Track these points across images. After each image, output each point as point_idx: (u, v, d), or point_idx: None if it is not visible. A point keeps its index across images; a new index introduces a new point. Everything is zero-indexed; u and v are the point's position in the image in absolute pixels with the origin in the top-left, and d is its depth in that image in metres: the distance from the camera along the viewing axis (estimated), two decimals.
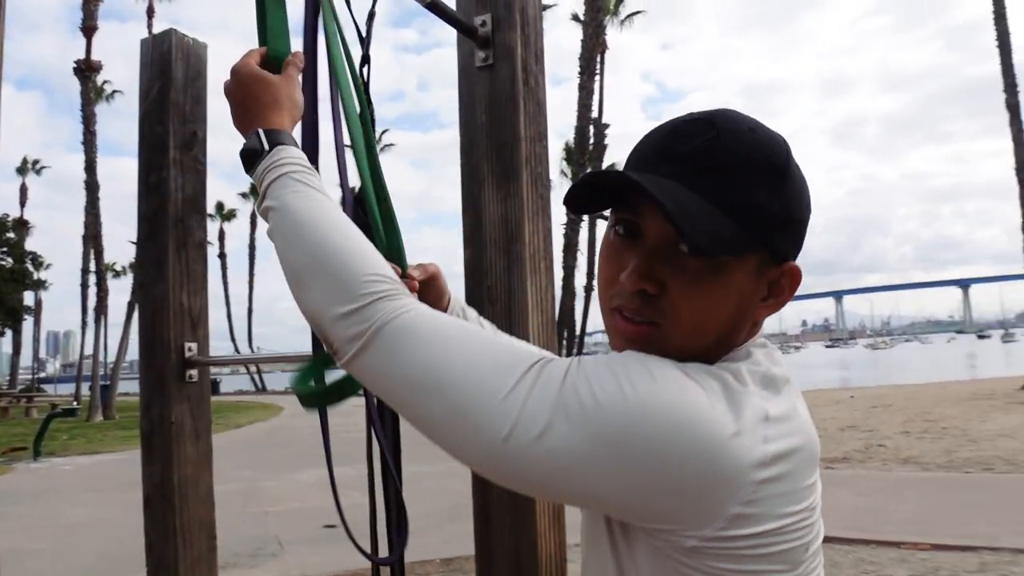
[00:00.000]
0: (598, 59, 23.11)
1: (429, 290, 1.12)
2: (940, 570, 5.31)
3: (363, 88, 1.20)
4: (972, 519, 6.63)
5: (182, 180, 1.92)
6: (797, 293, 0.88)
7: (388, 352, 0.77)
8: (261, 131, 0.97)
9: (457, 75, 1.46)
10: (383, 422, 1.34)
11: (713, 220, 0.77)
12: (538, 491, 0.78)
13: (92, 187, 29.05)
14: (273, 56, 1.08)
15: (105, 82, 31.99)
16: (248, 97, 1.01)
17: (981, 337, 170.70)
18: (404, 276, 1.07)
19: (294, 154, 0.95)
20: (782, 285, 0.85)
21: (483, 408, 0.73)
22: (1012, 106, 20.52)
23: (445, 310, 1.14)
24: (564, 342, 23.12)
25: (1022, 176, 20.32)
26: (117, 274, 46.53)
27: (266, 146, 0.95)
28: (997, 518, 6.60)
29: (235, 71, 1.03)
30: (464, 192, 1.43)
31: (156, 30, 1.99)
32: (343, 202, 1.20)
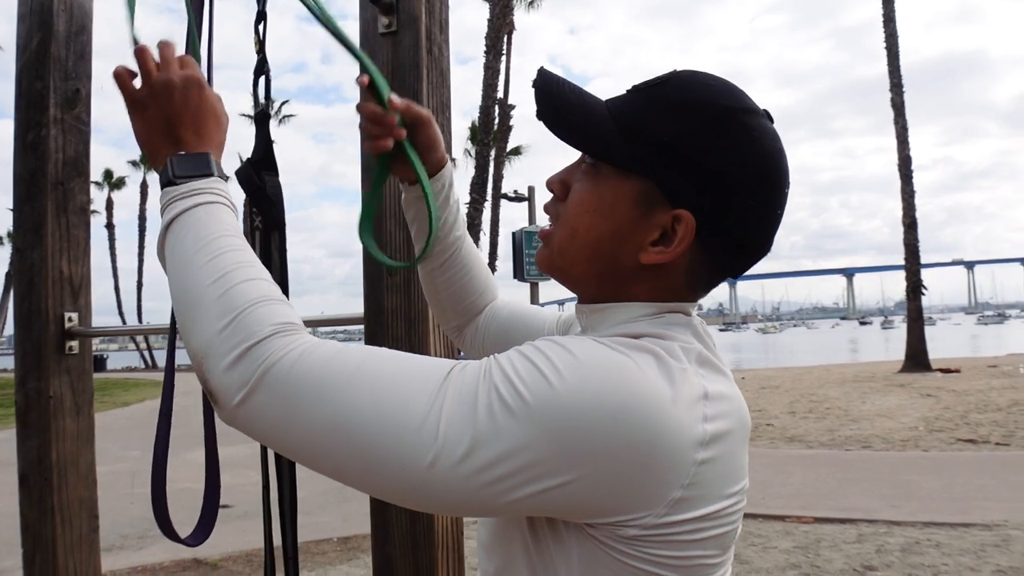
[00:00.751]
0: (504, 39, 23.06)
1: (418, 136, 1.01)
2: (821, 541, 5.59)
3: (261, 45, 1.15)
4: (852, 494, 7.00)
5: (63, 140, 1.81)
6: None
7: (280, 395, 0.68)
8: (211, 156, 0.86)
9: (358, 41, 1.42)
10: None
11: (590, 118, 0.81)
12: (478, 512, 0.70)
13: None
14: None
15: None
16: (189, 113, 0.87)
17: (863, 323, 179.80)
18: (384, 105, 0.96)
19: (222, 185, 0.85)
20: (675, 232, 0.79)
21: (399, 441, 0.67)
22: (897, 105, 21.53)
23: (438, 166, 1.04)
24: None
25: (904, 171, 21.39)
26: None
27: (215, 172, 0.84)
28: (874, 493, 6.99)
29: (175, 82, 0.87)
30: (363, 161, 1.39)
31: None
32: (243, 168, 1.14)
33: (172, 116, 0.86)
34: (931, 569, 4.86)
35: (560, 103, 0.83)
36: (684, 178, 0.78)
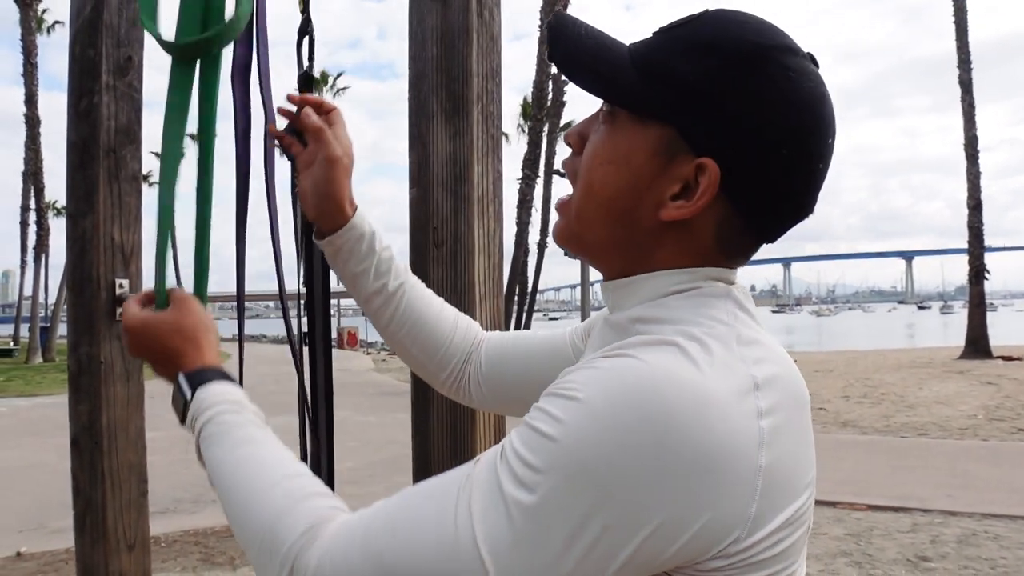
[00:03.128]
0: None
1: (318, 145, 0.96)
2: (874, 529, 5.47)
3: (305, 4, 1.12)
4: (906, 482, 6.84)
5: (115, 107, 1.81)
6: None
7: None
8: (181, 376, 0.87)
9: (408, 5, 1.38)
10: (315, 372, 1.29)
11: (604, 60, 0.74)
12: None
13: (32, 121, 28.08)
14: (157, 288, 0.95)
15: (45, 11, 30.69)
16: (152, 351, 0.90)
17: (921, 308, 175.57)
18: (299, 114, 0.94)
19: (215, 395, 0.84)
20: (698, 183, 0.70)
21: (442, 569, 0.61)
22: (965, 82, 20.82)
23: (341, 218, 0.97)
24: (516, 298, 23.14)
25: (970, 151, 20.72)
26: (59, 212, 45.12)
27: (188, 395, 0.85)
28: (930, 481, 6.82)
29: (125, 329, 0.92)
30: (411, 128, 1.36)
31: None
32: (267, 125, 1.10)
33: (149, 358, 0.92)
34: (988, 562, 4.73)
35: (572, 44, 0.75)
36: (708, 123, 0.70)
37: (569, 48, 0.75)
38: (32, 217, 30.97)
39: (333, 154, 0.96)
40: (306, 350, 1.25)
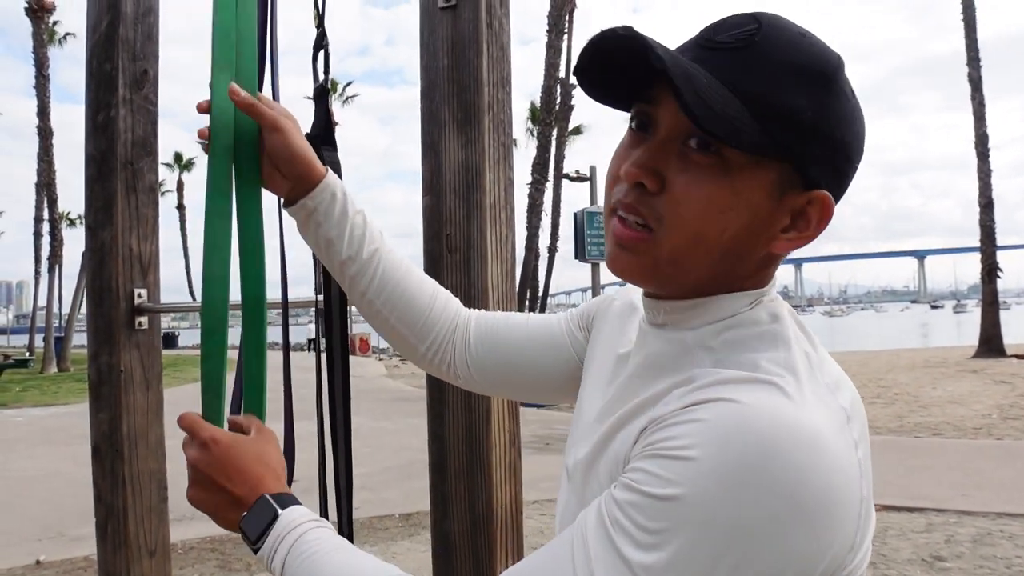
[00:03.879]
0: (567, 18, 22.85)
1: (269, 142, 0.95)
2: (889, 530, 5.46)
3: (320, 19, 1.15)
4: (920, 482, 6.82)
5: (132, 120, 1.85)
6: None
7: None
8: (268, 497, 0.84)
9: (419, 16, 1.41)
10: (333, 377, 1.31)
11: (731, 108, 0.66)
12: None
13: (45, 133, 28.30)
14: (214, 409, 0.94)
15: (56, 22, 30.95)
16: (225, 474, 0.85)
17: (934, 307, 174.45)
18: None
19: (304, 513, 0.84)
20: (808, 216, 0.70)
21: None
22: (974, 79, 20.73)
23: (310, 181, 0.96)
24: (527, 303, 23.16)
25: (981, 149, 20.62)
26: (72, 223, 45.56)
27: (279, 511, 0.82)
28: (944, 481, 6.80)
29: (208, 443, 0.87)
30: (424, 137, 1.38)
31: None
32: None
33: (218, 484, 0.85)
34: (1004, 561, 4.71)
35: (685, 77, 0.65)
36: (820, 153, 0.69)
37: (706, 107, 0.65)
38: (46, 228, 31.20)
39: (273, 120, 0.94)
40: (323, 357, 1.28)
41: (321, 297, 1.26)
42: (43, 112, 28.03)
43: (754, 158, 0.68)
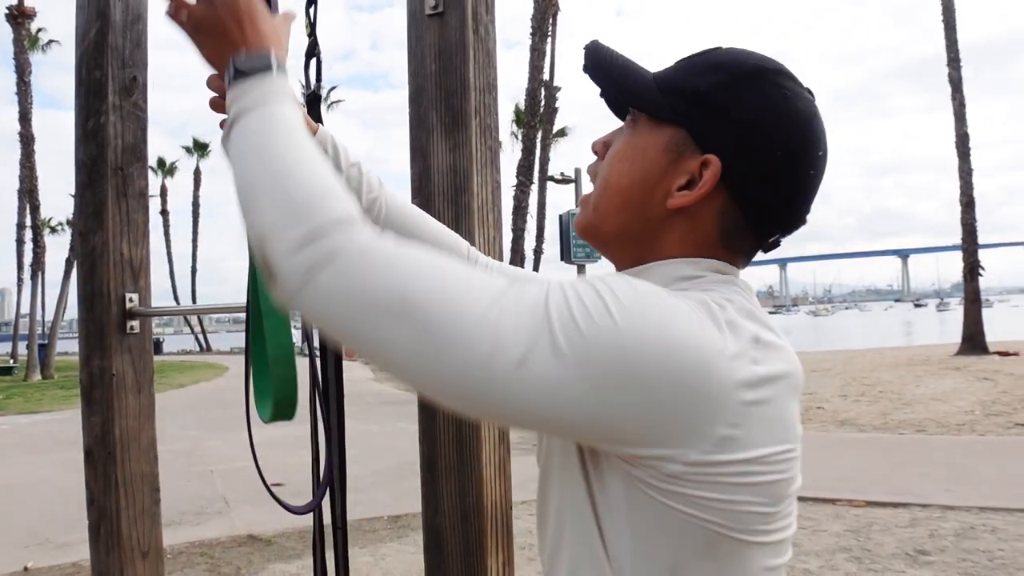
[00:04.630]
0: (550, 21, 22.89)
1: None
2: (873, 525, 5.52)
3: (312, 28, 1.17)
4: (904, 478, 6.89)
5: (122, 127, 1.86)
6: None
7: (348, 275, 0.68)
8: (274, 56, 0.85)
9: (406, 23, 1.44)
10: (326, 380, 1.34)
11: (638, 84, 0.86)
12: (513, 420, 0.71)
13: (27, 139, 28.12)
14: None
15: (40, 30, 30.76)
16: (243, 13, 0.88)
17: (918, 306, 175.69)
18: None
19: (284, 82, 0.85)
20: (702, 178, 0.82)
21: (457, 331, 0.66)
22: (954, 80, 20.94)
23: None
24: None
25: (962, 149, 20.82)
26: (54, 230, 45.21)
27: (274, 67, 0.84)
28: (928, 477, 6.88)
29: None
30: (412, 141, 1.41)
31: None
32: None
33: (228, 21, 0.88)
34: (986, 554, 4.78)
35: (605, 58, 0.88)
36: (713, 125, 0.82)
37: (602, 61, 0.89)
38: (28, 235, 30.96)
39: None
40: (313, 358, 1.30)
41: None
42: (25, 118, 27.85)
43: (655, 121, 0.85)
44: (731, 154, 0.81)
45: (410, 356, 0.67)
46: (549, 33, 22.73)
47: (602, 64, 0.88)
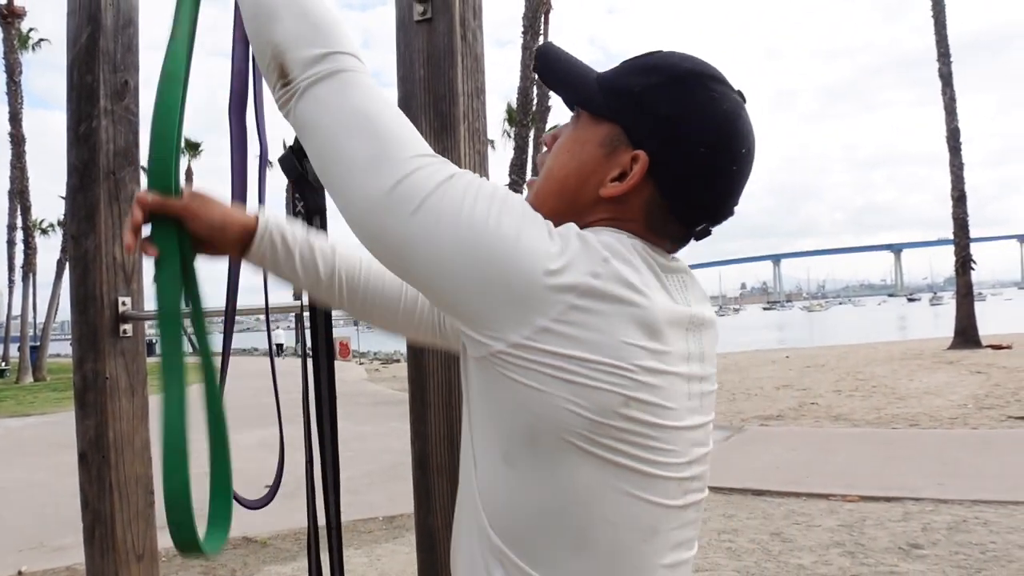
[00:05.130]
0: (542, 19, 22.88)
1: (194, 228, 1.03)
2: (866, 520, 5.55)
3: None
4: (898, 472, 6.93)
5: (113, 131, 1.87)
6: (737, 256, 0.93)
7: (340, 91, 0.85)
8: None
9: (395, 29, 1.45)
10: (319, 382, 1.35)
11: (581, 83, 0.96)
12: (388, 253, 0.84)
13: (17, 140, 28.03)
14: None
15: (31, 29, 30.64)
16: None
17: (911, 300, 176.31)
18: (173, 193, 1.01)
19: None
20: (632, 171, 0.91)
21: (390, 159, 0.82)
22: (944, 75, 21.00)
23: (246, 235, 1.05)
24: None
25: (952, 143, 20.90)
26: (45, 231, 44.99)
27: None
28: (921, 471, 6.92)
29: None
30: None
31: None
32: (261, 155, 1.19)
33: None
34: (979, 547, 4.81)
35: (552, 60, 0.98)
36: (644, 122, 0.91)
37: (550, 62, 0.98)
38: (19, 236, 30.85)
39: (183, 210, 1.02)
40: (309, 362, 1.31)
41: (306, 301, 1.30)
42: (15, 118, 27.78)
43: (595, 117, 0.94)
44: (658, 149, 0.90)
45: (360, 170, 0.83)
46: (541, 31, 22.73)
47: (550, 65, 0.98)
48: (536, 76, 1.03)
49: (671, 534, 0.89)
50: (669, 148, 0.90)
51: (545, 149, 1.01)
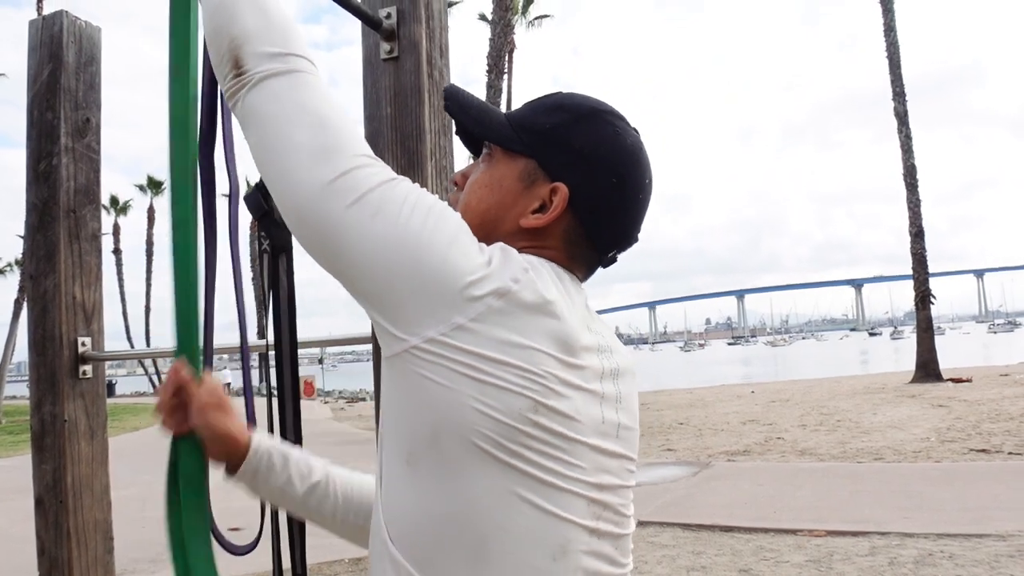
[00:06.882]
0: (506, 58, 23.17)
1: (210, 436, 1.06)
2: (834, 554, 5.56)
3: None
4: (864, 506, 6.96)
5: (74, 168, 1.85)
6: (701, 292, 0.94)
7: (293, 87, 0.88)
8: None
9: (362, 67, 1.46)
10: (284, 423, 1.33)
11: (493, 121, 1.01)
12: (317, 237, 0.86)
13: None
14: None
15: None
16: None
17: (872, 334, 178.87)
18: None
19: None
20: (552, 203, 0.96)
21: (338, 152, 0.85)
22: (900, 114, 21.54)
23: (242, 450, 1.07)
24: None
25: (909, 180, 21.37)
26: (2, 271, 44.13)
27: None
28: (886, 504, 6.96)
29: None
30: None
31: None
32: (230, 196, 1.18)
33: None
34: None
35: (464, 100, 1.03)
36: (559, 156, 0.97)
37: (461, 103, 1.03)
38: None
39: (198, 408, 1.04)
40: (275, 401, 1.29)
41: (271, 339, 1.28)
42: None
43: (508, 153, 0.99)
44: (575, 181, 0.96)
45: (306, 157, 0.85)
46: (506, 71, 22.99)
47: (462, 105, 1.02)
48: (447, 112, 1.06)
49: (584, 558, 0.86)
50: (585, 180, 0.96)
51: (456, 188, 1.05)
